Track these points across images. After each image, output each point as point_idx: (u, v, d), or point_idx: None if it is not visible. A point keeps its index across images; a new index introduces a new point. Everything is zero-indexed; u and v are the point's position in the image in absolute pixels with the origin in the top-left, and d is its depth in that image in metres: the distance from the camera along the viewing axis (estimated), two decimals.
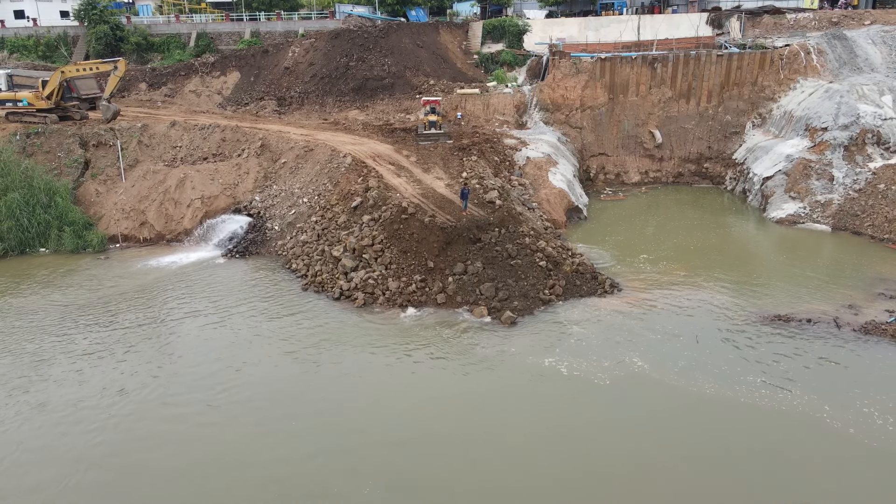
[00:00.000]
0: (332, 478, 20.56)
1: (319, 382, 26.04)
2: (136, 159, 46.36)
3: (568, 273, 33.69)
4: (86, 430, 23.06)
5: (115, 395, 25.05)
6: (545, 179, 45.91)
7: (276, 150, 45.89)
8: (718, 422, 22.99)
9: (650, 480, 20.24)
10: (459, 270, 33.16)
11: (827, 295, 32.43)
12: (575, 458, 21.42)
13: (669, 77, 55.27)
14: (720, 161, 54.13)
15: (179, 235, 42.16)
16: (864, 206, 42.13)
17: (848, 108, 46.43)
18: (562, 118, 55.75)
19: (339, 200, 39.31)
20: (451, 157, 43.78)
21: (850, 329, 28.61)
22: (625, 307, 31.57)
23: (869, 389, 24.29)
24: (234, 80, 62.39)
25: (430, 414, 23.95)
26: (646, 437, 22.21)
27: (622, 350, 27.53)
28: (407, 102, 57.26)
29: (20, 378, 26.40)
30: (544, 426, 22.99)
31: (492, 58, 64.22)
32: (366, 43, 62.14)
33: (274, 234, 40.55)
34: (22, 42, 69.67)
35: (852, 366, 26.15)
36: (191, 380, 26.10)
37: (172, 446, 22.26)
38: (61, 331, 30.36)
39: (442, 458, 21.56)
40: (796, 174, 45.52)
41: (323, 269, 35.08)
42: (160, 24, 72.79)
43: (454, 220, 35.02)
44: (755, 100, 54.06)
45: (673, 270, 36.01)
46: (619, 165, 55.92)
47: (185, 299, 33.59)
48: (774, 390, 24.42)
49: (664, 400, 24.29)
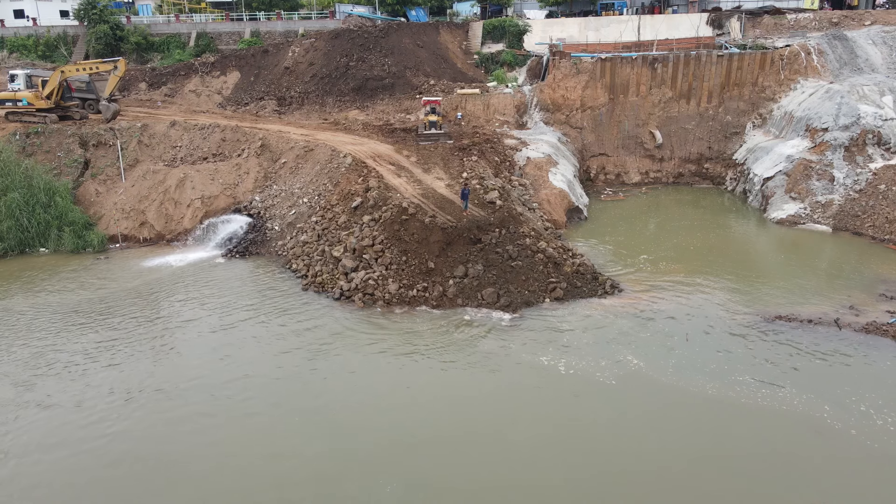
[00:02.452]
0: (347, 477, 20.54)
1: (325, 382, 25.96)
2: (136, 159, 46.31)
3: (569, 274, 33.66)
4: (100, 428, 23.05)
5: (122, 395, 24.98)
6: (545, 180, 45.87)
7: (277, 150, 45.84)
8: (720, 422, 22.94)
9: (656, 479, 20.21)
10: (460, 273, 33.10)
11: (828, 296, 32.41)
12: (583, 457, 21.41)
13: (670, 77, 55.25)
14: (720, 161, 54.12)
15: (179, 235, 42.10)
16: (864, 206, 42.12)
17: (848, 109, 46.41)
18: (562, 118, 55.72)
19: (339, 200, 39.26)
20: (451, 158, 43.74)
21: (852, 330, 28.58)
22: (626, 308, 31.53)
23: (870, 390, 24.26)
24: (234, 80, 62.34)
25: (438, 413, 23.92)
26: (650, 436, 22.19)
27: (623, 350, 27.50)
28: (407, 102, 57.22)
29: (24, 378, 26.34)
30: (550, 425, 23.00)
31: (492, 58, 64.21)
32: (366, 43, 62.10)
33: (274, 235, 40.50)
34: (22, 42, 69.57)
35: (854, 367, 26.12)
36: (198, 380, 26.01)
37: (184, 446, 22.24)
38: (65, 331, 30.31)
39: (457, 458, 21.50)
40: (797, 175, 45.51)
41: (323, 270, 35.03)
42: (160, 24, 72.70)
43: (455, 220, 34.98)
44: (755, 100, 54.05)
45: (673, 271, 35.98)
46: (620, 166, 55.90)
47: (186, 299, 33.54)
48: (775, 391, 24.39)
49: (666, 400, 24.26)
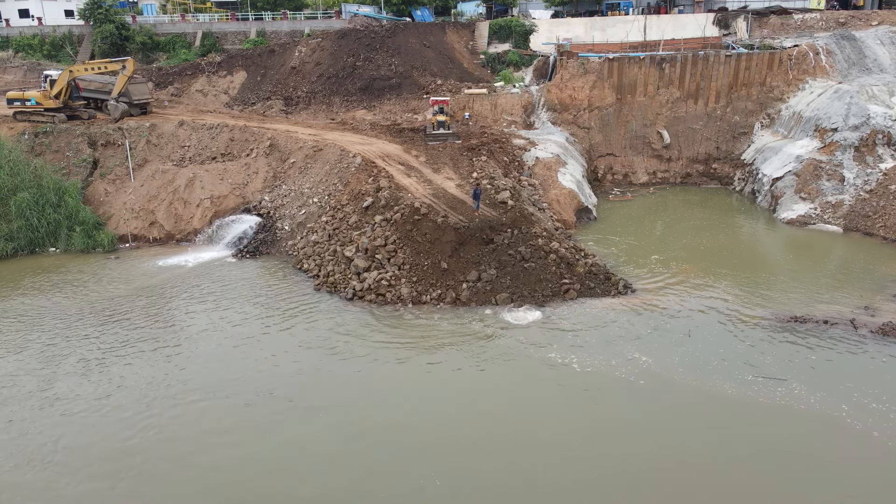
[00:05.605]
0: (375, 475, 20.57)
1: (345, 380, 25.93)
2: (145, 159, 46.23)
3: (581, 274, 33.59)
4: (112, 433, 23.02)
5: (136, 394, 24.96)
6: (554, 180, 45.82)
7: (285, 149, 45.76)
8: (739, 421, 22.89)
9: (679, 478, 20.19)
10: (473, 278, 32.98)
11: (841, 296, 32.36)
12: (602, 455, 21.42)
13: (677, 77, 55.20)
14: (728, 162, 54.06)
15: (189, 235, 42.04)
16: (875, 206, 42.08)
17: (858, 109, 46.36)
18: (569, 118, 55.67)
19: (349, 200, 39.20)
20: (460, 158, 43.72)
21: (868, 330, 28.53)
22: (640, 307, 31.48)
23: (889, 391, 24.20)
24: (240, 80, 62.29)
25: (460, 412, 23.97)
26: (673, 435, 22.19)
27: (638, 350, 27.44)
28: (414, 102, 57.15)
29: (39, 378, 26.31)
30: (575, 424, 23.10)
31: (498, 58, 64.13)
32: (372, 43, 62.03)
33: (284, 234, 40.44)
34: (27, 41, 69.52)
35: (872, 367, 26.06)
36: (213, 379, 26.01)
37: (199, 445, 22.23)
38: (81, 330, 30.30)
39: (484, 455, 21.54)
40: (806, 175, 45.46)
41: (335, 270, 34.97)
42: (165, 24, 72.66)
43: (467, 220, 34.93)
44: (763, 100, 54.00)
45: (685, 271, 35.92)
46: (627, 166, 55.83)
47: (198, 299, 33.49)
48: (792, 390, 24.35)
49: (685, 399, 24.22)
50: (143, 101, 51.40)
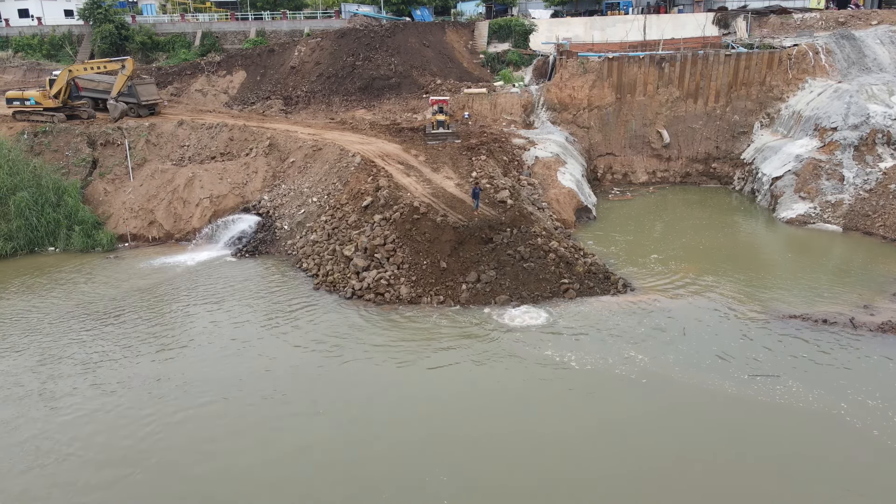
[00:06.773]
0: (379, 473, 20.59)
1: (345, 379, 25.96)
2: (144, 158, 46.21)
3: (581, 274, 33.57)
4: (113, 428, 23.03)
5: (138, 393, 24.94)
6: (554, 179, 45.81)
7: (285, 149, 45.73)
8: (740, 419, 22.87)
9: (682, 476, 20.18)
10: (473, 279, 32.95)
11: (841, 295, 32.34)
12: (602, 453, 21.42)
13: (677, 77, 55.17)
14: (728, 161, 54.02)
15: (188, 235, 42.03)
16: (875, 206, 42.04)
17: (858, 108, 46.33)
18: (569, 118, 55.65)
19: (349, 200, 39.19)
20: (459, 157, 43.69)
21: (867, 329, 28.50)
22: (639, 307, 31.46)
23: (889, 390, 24.18)
24: (240, 80, 62.29)
25: (461, 410, 23.98)
26: (674, 434, 22.17)
27: (638, 349, 27.42)
28: (414, 102, 57.16)
29: (39, 378, 26.29)
30: (579, 422, 23.16)
31: (498, 57, 64.15)
32: (372, 42, 62.03)
33: (283, 234, 40.43)
34: (27, 41, 69.55)
35: (871, 366, 26.03)
36: (213, 378, 25.99)
37: (200, 443, 22.23)
38: (81, 330, 30.31)
39: (486, 453, 21.55)
40: (806, 174, 45.44)
41: (334, 269, 34.95)
42: (165, 24, 72.69)
43: (466, 219, 34.91)
44: (763, 100, 53.96)
45: (685, 270, 35.89)
46: (627, 165, 55.81)
47: (198, 298, 33.48)
48: (791, 389, 24.33)
49: (686, 398, 24.21)
50: (151, 101, 51.27)
